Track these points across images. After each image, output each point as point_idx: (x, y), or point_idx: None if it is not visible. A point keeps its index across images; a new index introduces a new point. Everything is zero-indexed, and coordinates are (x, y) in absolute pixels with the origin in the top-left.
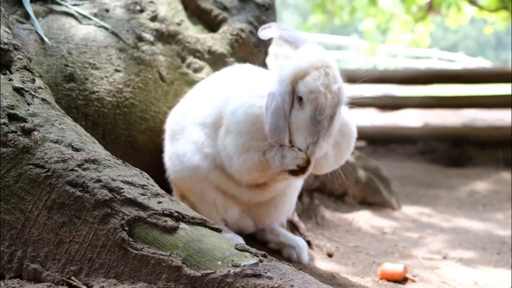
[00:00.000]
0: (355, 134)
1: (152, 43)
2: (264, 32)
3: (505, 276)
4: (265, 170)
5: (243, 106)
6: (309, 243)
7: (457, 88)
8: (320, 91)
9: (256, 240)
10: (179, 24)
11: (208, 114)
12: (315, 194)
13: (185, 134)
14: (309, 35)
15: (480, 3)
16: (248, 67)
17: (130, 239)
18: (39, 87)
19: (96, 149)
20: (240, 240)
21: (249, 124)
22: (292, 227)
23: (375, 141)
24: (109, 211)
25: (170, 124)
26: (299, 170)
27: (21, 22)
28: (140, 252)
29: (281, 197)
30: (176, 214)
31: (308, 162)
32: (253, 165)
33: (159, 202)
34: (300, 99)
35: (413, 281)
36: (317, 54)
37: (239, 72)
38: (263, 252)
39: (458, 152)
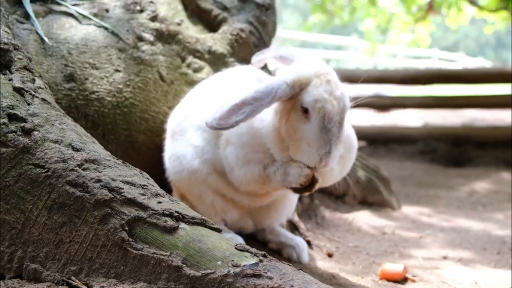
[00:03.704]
0: (356, 145)
1: (152, 43)
2: (258, 58)
3: (505, 276)
4: (266, 183)
5: None
6: (309, 243)
7: (457, 88)
8: (325, 99)
9: (256, 240)
10: (179, 24)
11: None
12: (315, 194)
13: (185, 136)
14: (309, 35)
15: (480, 3)
16: (248, 70)
17: (130, 239)
18: (39, 87)
19: (96, 149)
20: (240, 240)
21: (250, 136)
22: (292, 227)
23: (375, 141)
24: (109, 211)
25: (171, 125)
26: (303, 188)
27: (21, 22)
28: (140, 252)
29: (282, 200)
30: (176, 214)
31: (312, 180)
32: (253, 178)
33: (159, 202)
34: (306, 110)
35: (413, 281)
36: (316, 62)
37: (240, 76)
38: (263, 252)
39: (458, 152)
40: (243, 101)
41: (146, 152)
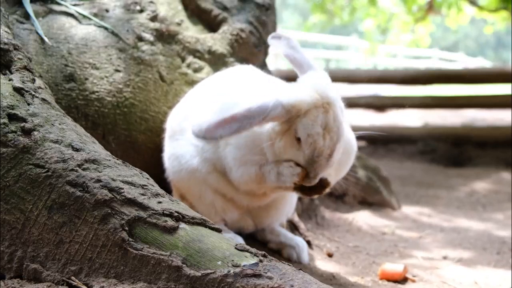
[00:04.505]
0: (355, 149)
1: (152, 43)
2: (273, 41)
3: (505, 276)
4: (262, 183)
5: None
6: (309, 243)
7: (457, 88)
8: (318, 133)
9: (256, 240)
10: (179, 24)
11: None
12: None
13: (185, 135)
14: (309, 35)
15: (480, 3)
16: (249, 69)
17: (130, 239)
18: (39, 87)
19: (96, 149)
20: (240, 240)
21: (248, 139)
22: (292, 227)
23: (375, 141)
24: (109, 211)
25: (171, 124)
26: (312, 191)
27: (21, 22)
28: (140, 252)
29: (282, 199)
30: (176, 214)
31: (323, 183)
32: (250, 178)
33: (159, 202)
34: (299, 139)
35: (413, 281)
36: (320, 88)
37: (240, 76)
38: (263, 252)
39: (458, 152)
40: (232, 117)
41: (146, 152)
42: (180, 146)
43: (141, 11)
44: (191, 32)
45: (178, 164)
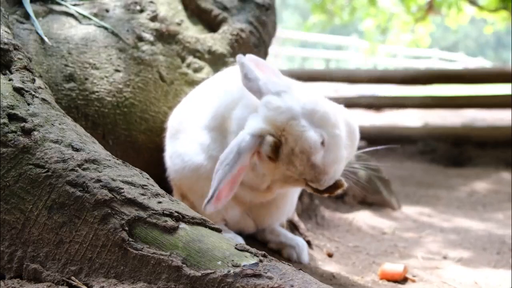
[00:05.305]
0: (356, 127)
1: (152, 43)
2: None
3: (505, 276)
4: None
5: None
6: (309, 243)
7: (457, 88)
8: (296, 168)
9: (256, 240)
10: (179, 24)
11: (210, 117)
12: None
13: (188, 134)
14: (309, 35)
15: (480, 3)
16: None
17: (130, 239)
18: (39, 87)
19: (96, 149)
20: (240, 240)
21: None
22: (292, 227)
23: (375, 141)
24: (109, 211)
25: (173, 123)
26: (325, 190)
27: (21, 22)
28: (140, 252)
29: (282, 198)
30: (176, 214)
31: (338, 184)
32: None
33: (159, 202)
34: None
35: (413, 281)
36: (270, 120)
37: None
38: (263, 252)
39: (458, 152)
40: (216, 172)
41: (146, 152)
42: (182, 144)
43: (141, 11)
44: (191, 32)
45: (181, 161)
